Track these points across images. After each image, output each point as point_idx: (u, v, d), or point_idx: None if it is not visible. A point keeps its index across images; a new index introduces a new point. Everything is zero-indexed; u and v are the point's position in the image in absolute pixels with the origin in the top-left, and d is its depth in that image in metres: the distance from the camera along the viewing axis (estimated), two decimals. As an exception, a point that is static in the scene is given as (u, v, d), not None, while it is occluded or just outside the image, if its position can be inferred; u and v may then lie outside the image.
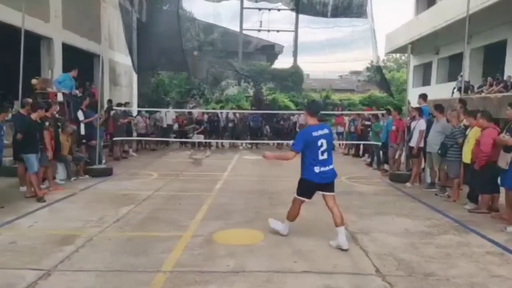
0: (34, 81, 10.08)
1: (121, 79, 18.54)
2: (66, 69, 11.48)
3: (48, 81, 10.99)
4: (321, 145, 4.65)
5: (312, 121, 4.78)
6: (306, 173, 4.77)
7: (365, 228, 5.42)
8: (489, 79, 15.28)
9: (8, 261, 4.08)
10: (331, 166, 4.75)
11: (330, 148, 4.76)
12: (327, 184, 4.78)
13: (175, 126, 16.60)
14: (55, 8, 12.60)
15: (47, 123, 7.31)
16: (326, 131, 4.74)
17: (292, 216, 4.99)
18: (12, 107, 8.47)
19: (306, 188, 4.83)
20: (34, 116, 6.91)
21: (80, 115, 9.63)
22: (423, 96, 9.29)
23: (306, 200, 4.89)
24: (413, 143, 8.50)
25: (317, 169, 4.68)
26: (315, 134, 4.66)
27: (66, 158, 8.37)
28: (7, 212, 5.88)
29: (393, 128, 9.69)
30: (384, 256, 4.40)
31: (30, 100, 7.65)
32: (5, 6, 9.91)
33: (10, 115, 7.67)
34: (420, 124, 8.40)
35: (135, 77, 19.91)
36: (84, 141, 9.65)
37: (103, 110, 10.27)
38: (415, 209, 6.63)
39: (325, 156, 4.69)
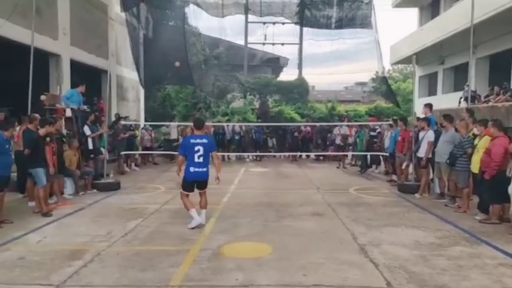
0: (43, 97, 10.21)
1: (128, 94, 18.73)
2: (74, 85, 11.61)
3: (57, 97, 11.13)
4: (198, 151, 5.83)
5: (197, 132, 6.05)
6: (185, 173, 5.92)
7: (374, 240, 5.36)
8: (496, 88, 15.15)
9: (17, 277, 4.09)
10: (204, 169, 5.90)
11: (207, 154, 5.90)
12: (200, 182, 5.96)
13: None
14: (64, 25, 12.81)
15: (48, 139, 7.32)
16: (204, 140, 5.94)
17: (188, 206, 5.94)
18: (17, 122, 8.49)
19: (185, 184, 5.97)
20: (42, 131, 6.99)
21: (87, 130, 9.71)
22: (429, 106, 9.26)
23: (189, 193, 5.98)
24: (421, 154, 8.44)
25: (191, 169, 5.86)
26: (192, 141, 5.90)
27: (74, 172, 8.42)
28: (16, 227, 5.90)
29: (399, 138, 9.69)
30: (394, 268, 4.34)
31: (37, 115, 7.71)
32: (15, 24, 10.11)
33: (17, 129, 7.74)
34: (428, 135, 8.34)
35: (142, 91, 20.10)
36: (92, 155, 9.71)
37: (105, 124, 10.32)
38: (425, 220, 6.55)
39: (201, 160, 5.85)
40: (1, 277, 4.08)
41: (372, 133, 12.89)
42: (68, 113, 10.16)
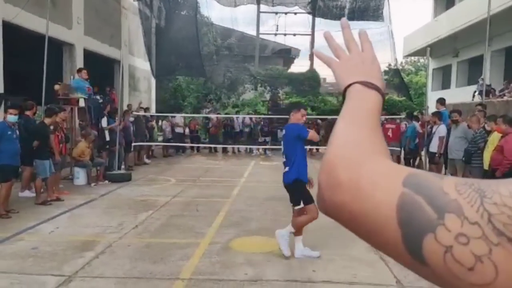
0: (56, 87, 10.28)
1: (140, 85, 18.80)
2: (87, 74, 11.65)
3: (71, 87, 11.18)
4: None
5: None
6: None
7: (384, 237, 5.32)
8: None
9: (30, 267, 4.16)
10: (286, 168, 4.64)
11: (285, 148, 4.65)
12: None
13: (187, 131, 16.65)
14: (78, 15, 12.86)
15: (52, 127, 7.31)
16: (284, 132, 4.74)
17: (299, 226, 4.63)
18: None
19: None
20: (47, 121, 7.13)
21: (104, 122, 9.77)
22: (441, 101, 9.16)
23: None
24: (433, 149, 8.34)
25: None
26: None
27: (87, 163, 8.51)
28: (29, 217, 6.00)
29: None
30: (404, 266, 4.31)
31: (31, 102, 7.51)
32: (31, 13, 10.17)
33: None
34: (440, 130, 8.25)
35: (153, 82, 20.16)
36: (107, 147, 9.80)
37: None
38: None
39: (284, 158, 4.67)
40: (14, 266, 4.16)
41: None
42: (82, 103, 10.23)
